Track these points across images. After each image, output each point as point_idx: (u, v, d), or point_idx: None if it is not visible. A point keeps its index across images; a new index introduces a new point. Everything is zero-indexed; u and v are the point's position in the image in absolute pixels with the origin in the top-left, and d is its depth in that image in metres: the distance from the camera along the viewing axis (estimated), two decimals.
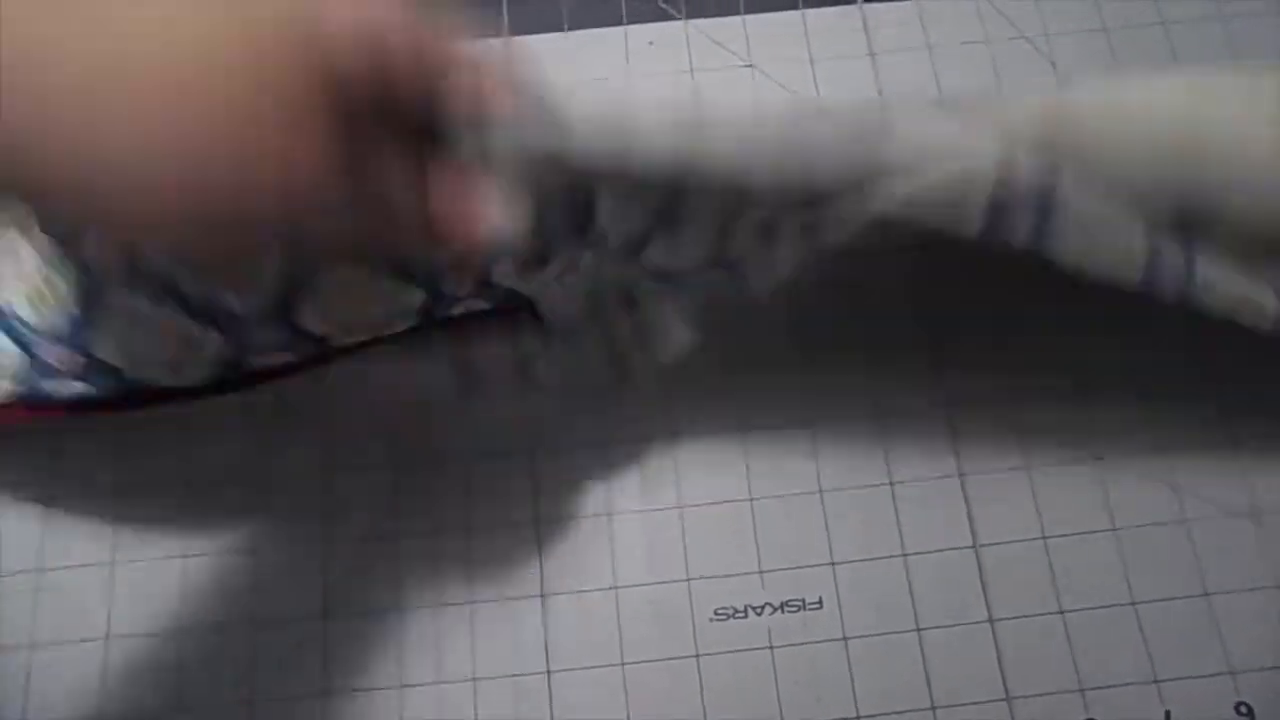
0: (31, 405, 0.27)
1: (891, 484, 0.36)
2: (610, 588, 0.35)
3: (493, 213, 0.23)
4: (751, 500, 0.36)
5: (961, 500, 0.36)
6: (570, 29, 0.43)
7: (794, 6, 0.43)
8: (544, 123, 0.23)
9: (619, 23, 0.43)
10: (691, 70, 0.42)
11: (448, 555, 0.36)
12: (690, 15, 0.43)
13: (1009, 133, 0.27)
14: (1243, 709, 0.33)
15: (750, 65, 0.42)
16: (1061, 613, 0.35)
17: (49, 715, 0.33)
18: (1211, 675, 0.34)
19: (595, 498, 0.36)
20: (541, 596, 0.35)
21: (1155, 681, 0.34)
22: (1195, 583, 0.35)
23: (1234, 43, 0.42)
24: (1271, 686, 0.34)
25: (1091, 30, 0.42)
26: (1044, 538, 0.35)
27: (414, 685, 0.34)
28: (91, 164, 0.18)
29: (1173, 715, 0.33)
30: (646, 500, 0.36)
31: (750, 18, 0.43)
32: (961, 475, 0.36)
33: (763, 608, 0.35)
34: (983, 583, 0.35)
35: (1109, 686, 0.34)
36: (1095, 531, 0.35)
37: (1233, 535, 0.35)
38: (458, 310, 0.29)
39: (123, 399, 0.28)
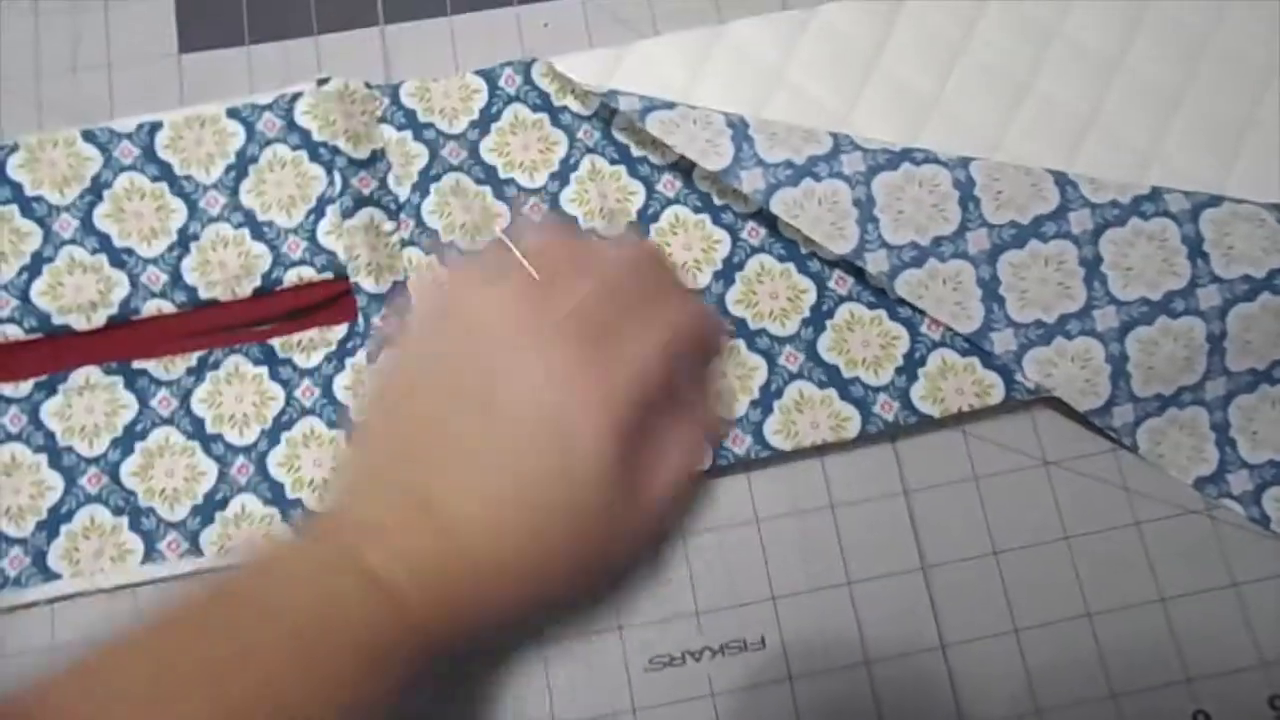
0: None
1: (832, 507, 0.34)
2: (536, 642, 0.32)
3: None
4: (684, 536, 0.33)
5: (907, 519, 0.34)
6: (453, 13, 0.38)
7: None
8: None
9: (508, 3, 0.39)
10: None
11: None
12: None
13: None
14: (1200, 717, 0.32)
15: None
16: (1015, 631, 0.33)
17: None
18: (1168, 685, 0.32)
19: None
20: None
21: (1112, 696, 0.32)
22: (1150, 589, 0.33)
23: None
24: (1228, 693, 0.32)
25: None
26: (995, 553, 0.33)
27: None
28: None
29: None
30: None
31: None
32: (906, 493, 0.34)
33: (701, 653, 0.32)
34: (933, 608, 0.33)
35: (1064, 706, 0.32)
36: (1047, 542, 0.34)
37: (1186, 535, 0.34)
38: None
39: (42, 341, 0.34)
